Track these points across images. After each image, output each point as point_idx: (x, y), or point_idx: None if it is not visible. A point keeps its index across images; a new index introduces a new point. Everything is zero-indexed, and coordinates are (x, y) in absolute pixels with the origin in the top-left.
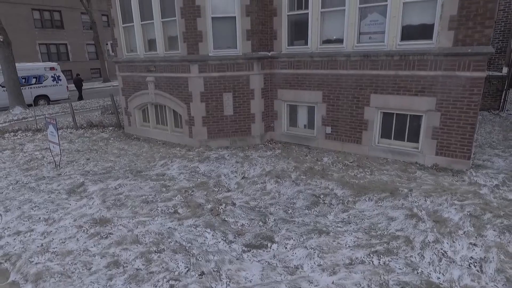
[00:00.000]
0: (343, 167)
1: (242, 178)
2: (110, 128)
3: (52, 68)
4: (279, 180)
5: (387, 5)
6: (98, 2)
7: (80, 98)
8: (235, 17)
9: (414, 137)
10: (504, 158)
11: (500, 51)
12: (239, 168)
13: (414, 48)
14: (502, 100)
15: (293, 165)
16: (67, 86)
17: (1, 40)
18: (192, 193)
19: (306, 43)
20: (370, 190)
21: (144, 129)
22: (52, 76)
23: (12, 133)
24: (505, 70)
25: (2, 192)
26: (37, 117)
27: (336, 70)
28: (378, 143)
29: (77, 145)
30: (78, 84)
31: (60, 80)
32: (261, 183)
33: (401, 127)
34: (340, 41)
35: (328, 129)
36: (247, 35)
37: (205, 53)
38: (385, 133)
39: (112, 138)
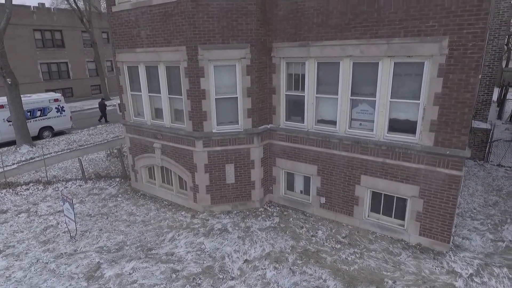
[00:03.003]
0: (336, 246)
1: (244, 262)
2: (117, 179)
3: (56, 100)
4: (277, 266)
5: (375, 101)
6: (99, 20)
7: (105, 120)
8: (237, 97)
9: (400, 215)
10: (482, 234)
11: (485, 103)
12: (241, 246)
13: (399, 141)
14: (486, 151)
15: (290, 244)
16: (70, 116)
17: (9, 82)
18: (200, 282)
19: (303, 121)
20: (359, 281)
21: (150, 186)
22: (56, 108)
23: (24, 187)
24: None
25: (26, 275)
26: (45, 157)
27: (329, 150)
28: (368, 216)
29: (88, 206)
30: (102, 108)
31: (64, 111)
32: (262, 268)
33: (389, 205)
34: (333, 123)
35: (323, 199)
36: (248, 113)
37: (209, 130)
38: (374, 208)
39: (120, 196)
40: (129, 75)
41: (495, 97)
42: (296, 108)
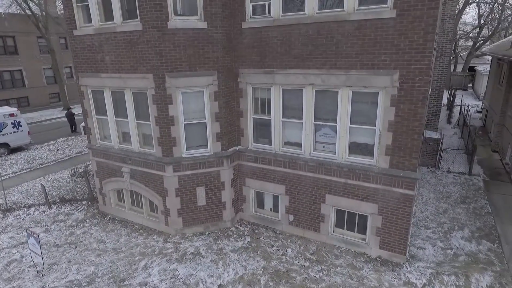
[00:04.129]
0: (305, 264)
1: (218, 287)
2: (84, 202)
3: (12, 115)
4: None
5: (336, 126)
6: (56, 25)
7: (74, 131)
8: (205, 122)
9: (362, 230)
10: (433, 243)
11: (435, 115)
12: (215, 271)
13: (359, 163)
14: (437, 159)
15: (262, 264)
16: (28, 131)
17: None
18: None
19: (270, 143)
20: None
21: (119, 209)
22: (12, 123)
23: None
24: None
25: None
26: (2, 179)
27: (296, 171)
28: (333, 232)
29: (54, 235)
30: (70, 118)
31: (21, 126)
32: None
33: (352, 221)
34: (299, 145)
35: (291, 217)
36: (217, 137)
37: (179, 155)
38: (339, 224)
39: (88, 221)
40: (94, 99)
41: (445, 99)
42: (263, 131)
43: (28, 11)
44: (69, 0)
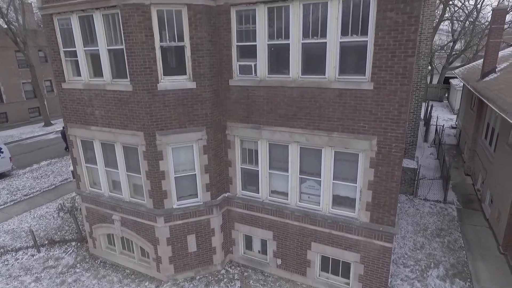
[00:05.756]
0: None
1: None
2: (73, 243)
3: None
4: None
5: (321, 180)
6: (34, 38)
7: (67, 149)
8: (195, 174)
9: (346, 275)
10: (411, 283)
11: (412, 144)
12: None
13: (342, 216)
14: (415, 187)
15: None
16: (10, 157)
17: None
18: None
19: (258, 191)
20: None
21: (110, 253)
22: None
23: None
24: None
25: None
26: None
27: (283, 219)
28: (319, 276)
29: (45, 284)
30: (65, 136)
31: (2, 152)
32: None
33: (336, 266)
34: (286, 194)
35: (279, 261)
36: (206, 188)
37: (170, 206)
38: (324, 269)
39: (78, 265)
40: (83, 148)
41: (423, 112)
42: (251, 179)
43: (5, 26)
44: (57, 54)
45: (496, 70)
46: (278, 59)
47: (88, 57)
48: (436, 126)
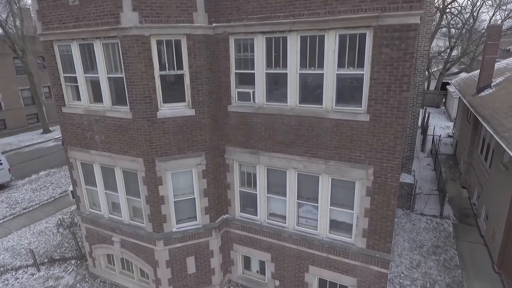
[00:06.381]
0: None
1: None
2: (73, 261)
3: None
4: None
5: (318, 206)
6: (32, 44)
7: None
8: (194, 198)
9: None
10: None
11: (409, 159)
12: None
13: (339, 241)
14: (411, 202)
15: None
16: (8, 169)
17: None
18: None
19: (256, 214)
20: None
21: (109, 272)
22: None
23: None
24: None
25: None
26: None
27: (281, 242)
28: None
29: None
30: None
31: (1, 164)
32: None
33: None
34: (283, 217)
35: (277, 282)
36: (205, 211)
37: (169, 230)
38: None
39: (78, 286)
40: (83, 170)
41: (420, 118)
42: (250, 202)
43: (3, 35)
44: (57, 79)
45: (492, 85)
46: (276, 87)
47: (88, 83)
48: (433, 136)
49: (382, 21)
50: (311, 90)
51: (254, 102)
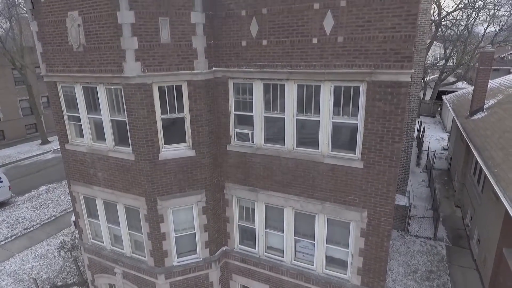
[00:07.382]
0: None
1: None
2: None
3: None
4: None
5: (314, 243)
6: (31, 54)
7: None
8: (195, 233)
9: None
10: None
11: (403, 181)
12: None
13: (335, 277)
14: (406, 224)
15: None
16: (9, 186)
17: None
18: None
19: (255, 247)
20: None
21: None
22: None
23: None
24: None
25: None
26: None
27: (279, 275)
28: None
29: None
30: None
31: (1, 182)
32: None
33: None
34: (281, 251)
35: None
36: (205, 245)
37: (170, 264)
38: None
39: None
40: (86, 203)
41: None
42: (248, 235)
43: (3, 47)
44: (61, 117)
45: (484, 108)
46: (274, 130)
47: (92, 123)
48: (428, 152)
49: (375, 77)
50: (307, 135)
51: (253, 142)
